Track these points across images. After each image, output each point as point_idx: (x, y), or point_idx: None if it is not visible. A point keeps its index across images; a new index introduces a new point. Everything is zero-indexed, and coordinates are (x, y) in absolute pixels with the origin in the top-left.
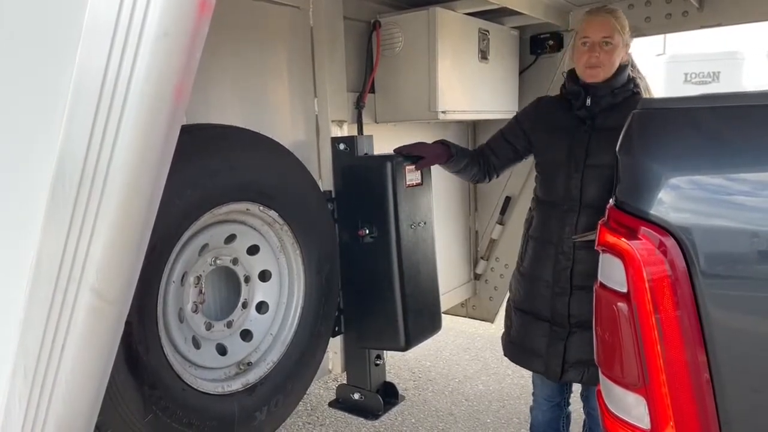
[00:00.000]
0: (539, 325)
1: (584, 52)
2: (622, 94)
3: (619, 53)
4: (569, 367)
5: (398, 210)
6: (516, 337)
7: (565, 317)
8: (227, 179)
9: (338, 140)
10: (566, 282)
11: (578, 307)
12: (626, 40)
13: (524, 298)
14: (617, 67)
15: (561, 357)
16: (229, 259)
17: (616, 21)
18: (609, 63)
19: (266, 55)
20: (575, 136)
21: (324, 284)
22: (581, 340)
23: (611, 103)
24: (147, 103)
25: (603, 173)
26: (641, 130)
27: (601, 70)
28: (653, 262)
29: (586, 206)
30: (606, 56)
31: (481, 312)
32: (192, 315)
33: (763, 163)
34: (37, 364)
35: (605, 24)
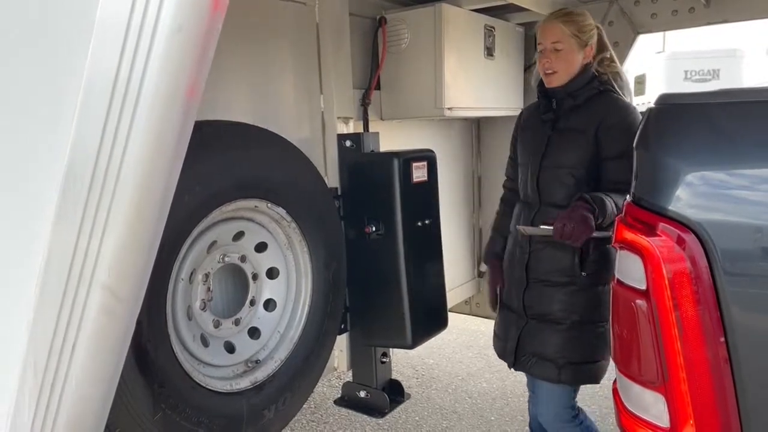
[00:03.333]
0: (507, 315)
1: (539, 59)
2: (585, 94)
3: (574, 56)
4: (522, 356)
5: (404, 207)
6: (496, 327)
7: (521, 308)
8: (236, 176)
9: (344, 137)
10: (521, 273)
11: (533, 299)
12: (585, 40)
13: (504, 290)
14: (575, 69)
15: (515, 345)
16: (237, 256)
17: (565, 25)
18: (563, 68)
19: (272, 52)
20: (537, 137)
21: (331, 282)
22: (535, 332)
23: (573, 105)
24: (160, 100)
25: (560, 173)
26: (658, 125)
27: (555, 75)
28: (673, 258)
29: (546, 205)
30: (558, 61)
31: (485, 310)
32: (200, 312)
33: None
34: (48, 362)
35: (553, 29)
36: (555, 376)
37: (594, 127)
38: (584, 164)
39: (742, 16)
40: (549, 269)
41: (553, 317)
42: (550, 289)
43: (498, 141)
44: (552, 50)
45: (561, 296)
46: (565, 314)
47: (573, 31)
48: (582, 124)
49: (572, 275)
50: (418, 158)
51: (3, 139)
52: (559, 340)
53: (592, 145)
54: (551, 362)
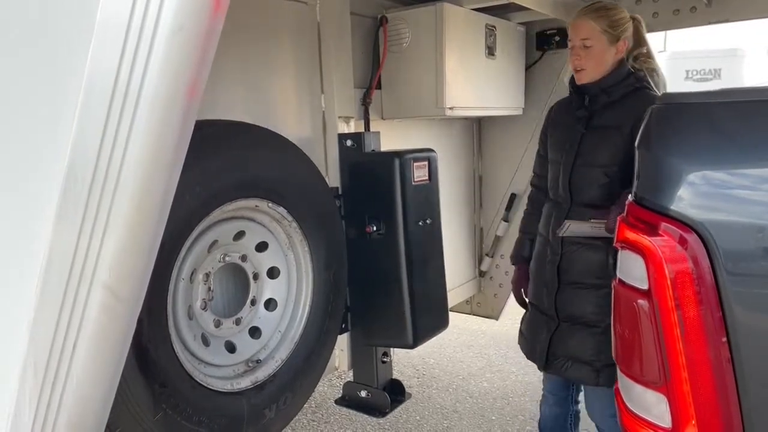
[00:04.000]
0: (538, 317)
1: (570, 56)
2: (620, 91)
3: (604, 53)
4: (554, 360)
5: (405, 207)
6: (523, 326)
7: (553, 311)
8: (237, 176)
9: (345, 136)
10: (553, 276)
11: (566, 301)
12: (617, 35)
13: (532, 290)
14: (608, 65)
15: (546, 347)
16: (238, 255)
17: (596, 21)
18: (592, 64)
19: (273, 51)
20: (570, 135)
21: (332, 281)
22: (567, 335)
23: (607, 102)
24: (161, 100)
25: (593, 172)
26: (660, 125)
27: (585, 72)
28: (675, 258)
29: (578, 204)
30: (587, 58)
31: (486, 309)
32: (201, 312)
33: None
34: (48, 362)
35: (583, 25)
36: (593, 379)
37: (630, 124)
38: (618, 163)
39: (743, 16)
40: (581, 271)
41: (587, 320)
42: (582, 292)
43: (499, 140)
44: (581, 47)
45: (594, 299)
46: (599, 317)
47: (603, 26)
48: (617, 121)
49: (605, 277)
50: (419, 158)
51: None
52: (596, 343)
53: (627, 144)
54: (588, 365)
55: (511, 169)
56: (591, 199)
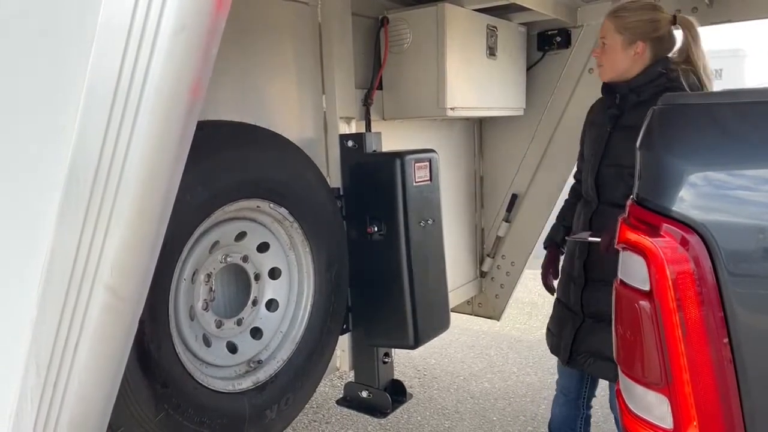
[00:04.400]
0: (562, 311)
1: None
2: (649, 90)
3: (618, 53)
4: (577, 355)
5: (407, 207)
6: (550, 323)
7: (579, 306)
8: (238, 176)
9: (346, 137)
10: (580, 272)
11: (591, 298)
12: (632, 38)
13: (560, 286)
14: (624, 65)
15: (570, 343)
16: (240, 256)
17: (611, 21)
18: (608, 62)
19: (274, 52)
20: (600, 134)
21: (333, 282)
22: (591, 331)
23: (636, 102)
24: (163, 100)
25: (620, 172)
26: (662, 125)
27: (603, 69)
28: (676, 259)
29: (605, 203)
30: (604, 56)
31: (487, 310)
32: (203, 313)
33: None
34: (50, 362)
35: (604, 25)
36: (614, 375)
37: None
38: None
39: (745, 16)
40: (608, 269)
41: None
42: (608, 289)
43: (500, 141)
44: (601, 44)
45: None
46: None
47: (619, 27)
48: (644, 121)
49: None
50: (420, 158)
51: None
52: None
53: None
54: (611, 361)
55: (512, 169)
56: (617, 198)
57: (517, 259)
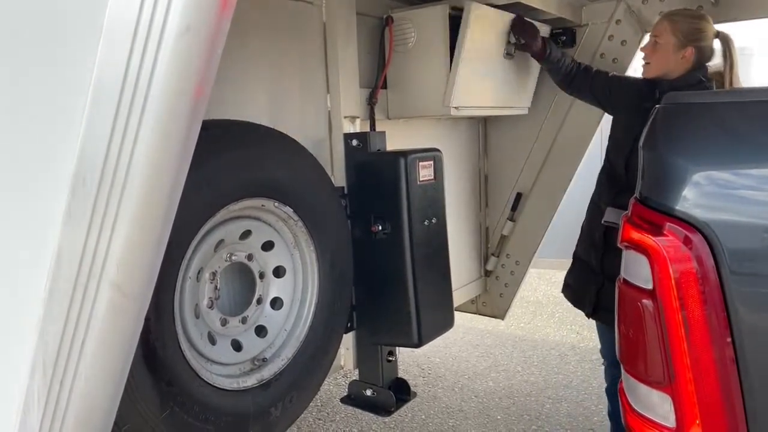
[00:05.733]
0: (587, 272)
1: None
2: None
3: (668, 53)
4: (601, 311)
5: (411, 206)
6: (569, 278)
7: (600, 269)
8: (243, 175)
9: (351, 136)
10: (601, 239)
11: (611, 263)
12: (684, 42)
13: (582, 247)
14: (670, 65)
15: (594, 300)
16: (244, 255)
17: (669, 23)
18: (656, 60)
19: (279, 51)
20: (631, 122)
21: (338, 280)
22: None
23: None
24: (168, 100)
25: None
26: (666, 124)
27: (649, 66)
28: (679, 258)
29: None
30: (652, 54)
31: (492, 309)
32: (207, 311)
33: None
34: (57, 360)
35: (659, 25)
36: None
37: None
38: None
39: (751, 15)
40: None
41: None
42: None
43: (505, 140)
44: (653, 43)
45: None
46: None
47: (673, 29)
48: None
49: None
50: (424, 157)
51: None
52: None
53: None
54: None
55: (516, 168)
56: None
57: (522, 258)
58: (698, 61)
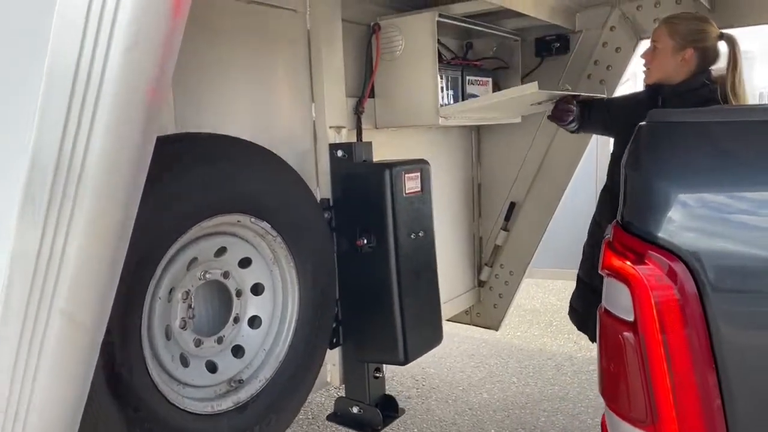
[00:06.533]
0: (591, 294)
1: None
2: (693, 99)
3: (668, 57)
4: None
5: (397, 219)
6: (574, 301)
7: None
8: (215, 191)
9: (336, 147)
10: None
11: None
12: (684, 44)
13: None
14: (669, 69)
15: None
16: (220, 272)
17: (666, 26)
18: (655, 65)
19: (262, 60)
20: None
21: (320, 297)
22: None
23: (678, 106)
24: (120, 106)
25: None
26: (649, 144)
27: (649, 71)
28: (662, 289)
29: None
30: (652, 60)
31: (486, 320)
32: (180, 332)
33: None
34: (10, 395)
35: (657, 30)
36: None
37: None
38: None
39: (748, 21)
40: None
41: None
42: None
43: (498, 148)
44: (652, 48)
45: None
46: None
47: (670, 32)
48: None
49: None
50: (410, 169)
51: None
52: None
53: None
54: None
55: (510, 177)
56: None
57: (516, 268)
58: (701, 63)
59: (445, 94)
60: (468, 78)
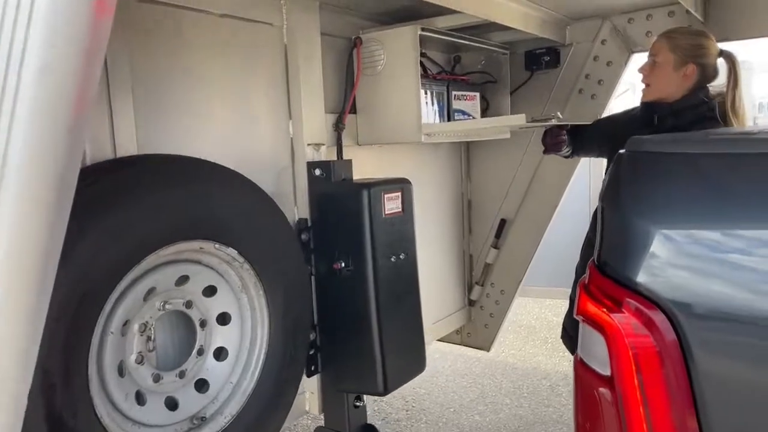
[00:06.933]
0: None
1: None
2: (689, 117)
3: (670, 72)
4: None
5: (375, 241)
6: (568, 325)
7: None
8: (173, 217)
9: (314, 165)
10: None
11: None
12: (686, 59)
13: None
14: (671, 86)
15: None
16: (182, 302)
17: (667, 41)
18: (656, 81)
19: (236, 76)
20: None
21: (291, 326)
22: None
23: (675, 125)
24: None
25: None
26: (628, 176)
27: (649, 89)
28: (640, 342)
29: None
30: (652, 75)
31: (477, 340)
32: (136, 367)
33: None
34: None
35: (656, 44)
36: None
37: None
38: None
39: (742, 34)
40: None
41: None
42: None
43: (488, 163)
44: (651, 63)
45: None
46: None
47: (671, 46)
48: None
49: None
50: (390, 188)
51: None
52: None
53: None
54: None
55: (500, 193)
56: None
57: (507, 287)
58: (700, 80)
59: (430, 110)
60: (454, 93)
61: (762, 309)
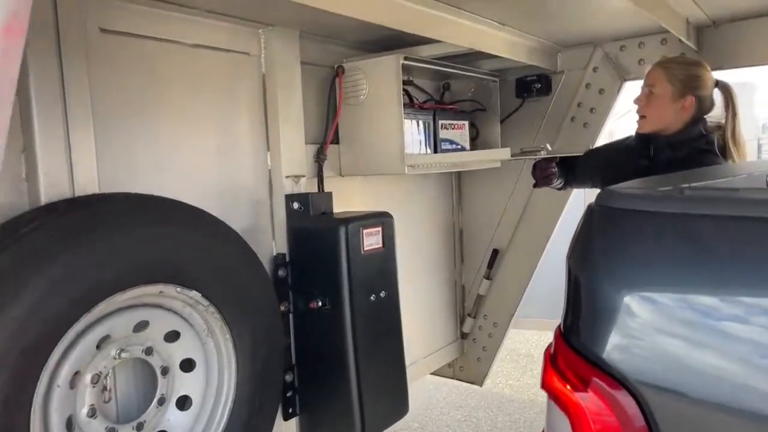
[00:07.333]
0: None
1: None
2: (686, 149)
3: (668, 104)
4: None
5: (352, 279)
6: None
7: None
8: (128, 260)
9: (292, 198)
10: None
11: None
12: (684, 90)
13: None
14: (669, 118)
15: None
16: (141, 349)
17: (665, 70)
18: (652, 112)
19: (210, 108)
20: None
21: (261, 371)
22: None
23: (671, 158)
24: None
25: None
26: (598, 235)
27: (645, 120)
28: (606, 427)
29: None
30: (648, 105)
31: (469, 374)
32: (88, 421)
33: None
34: None
35: (652, 73)
36: None
37: None
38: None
39: (736, 63)
40: None
41: None
42: None
43: (480, 192)
44: (647, 93)
45: None
46: None
47: (669, 77)
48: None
49: None
50: (369, 224)
51: None
52: None
53: None
54: None
55: (493, 222)
56: None
57: (500, 320)
58: (698, 112)
59: (416, 139)
60: (441, 122)
61: (741, 397)
